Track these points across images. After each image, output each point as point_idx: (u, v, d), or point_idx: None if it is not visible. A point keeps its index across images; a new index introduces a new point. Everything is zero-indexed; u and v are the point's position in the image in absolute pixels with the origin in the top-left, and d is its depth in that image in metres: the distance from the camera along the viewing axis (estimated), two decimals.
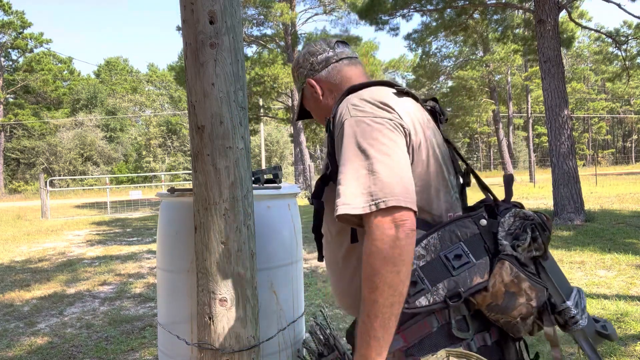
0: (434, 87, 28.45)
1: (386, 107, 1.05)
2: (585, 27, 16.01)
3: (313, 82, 1.30)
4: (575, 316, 1.01)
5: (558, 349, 1.03)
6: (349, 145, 1.01)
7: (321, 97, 1.30)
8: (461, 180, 1.22)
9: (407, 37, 16.24)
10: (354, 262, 1.14)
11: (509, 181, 1.11)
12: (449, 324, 1.01)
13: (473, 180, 1.22)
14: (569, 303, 1.01)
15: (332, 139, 1.09)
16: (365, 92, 1.09)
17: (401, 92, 1.13)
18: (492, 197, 1.13)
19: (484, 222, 1.03)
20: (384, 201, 0.92)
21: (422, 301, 0.99)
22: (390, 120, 1.03)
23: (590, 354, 1.04)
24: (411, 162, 1.05)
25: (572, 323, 1.01)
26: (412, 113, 1.10)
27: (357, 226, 1.03)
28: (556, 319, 1.03)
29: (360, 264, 1.06)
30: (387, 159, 0.97)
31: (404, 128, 1.04)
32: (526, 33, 13.57)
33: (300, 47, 20.47)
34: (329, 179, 1.12)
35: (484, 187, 1.16)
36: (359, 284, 1.12)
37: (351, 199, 0.95)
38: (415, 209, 0.95)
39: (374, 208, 0.93)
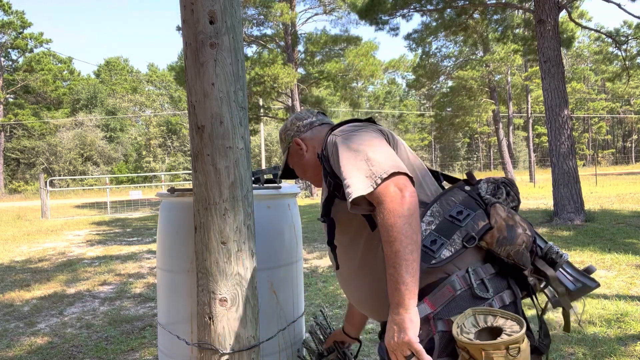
0: (434, 87, 28.42)
1: (364, 123, 1.32)
2: (585, 27, 16.01)
3: (299, 140, 1.52)
4: (559, 251, 1.24)
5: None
6: (344, 152, 1.19)
7: (305, 154, 1.52)
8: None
9: (407, 37, 16.27)
10: (370, 257, 1.27)
11: (470, 172, 1.38)
12: (470, 287, 1.16)
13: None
14: (551, 243, 1.25)
15: (327, 160, 1.26)
16: (345, 125, 1.34)
17: (369, 122, 1.37)
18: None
19: (467, 187, 1.28)
20: (385, 172, 1.11)
21: (446, 253, 1.15)
22: (370, 127, 1.28)
23: (577, 275, 1.25)
24: None
25: (558, 257, 1.23)
26: (385, 128, 1.35)
27: (368, 211, 1.19)
28: (546, 261, 1.24)
29: (378, 254, 1.25)
30: (376, 148, 1.18)
31: (382, 132, 1.29)
32: (526, 33, 13.56)
33: (300, 47, 20.48)
34: (333, 196, 1.29)
35: (455, 180, 1.41)
36: (378, 275, 1.25)
37: (358, 185, 1.11)
38: (411, 175, 1.14)
39: (379, 181, 1.10)
